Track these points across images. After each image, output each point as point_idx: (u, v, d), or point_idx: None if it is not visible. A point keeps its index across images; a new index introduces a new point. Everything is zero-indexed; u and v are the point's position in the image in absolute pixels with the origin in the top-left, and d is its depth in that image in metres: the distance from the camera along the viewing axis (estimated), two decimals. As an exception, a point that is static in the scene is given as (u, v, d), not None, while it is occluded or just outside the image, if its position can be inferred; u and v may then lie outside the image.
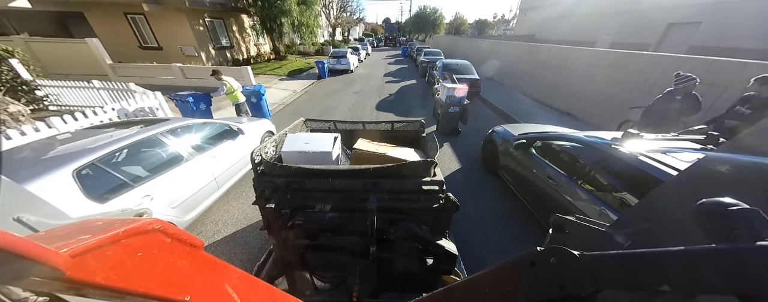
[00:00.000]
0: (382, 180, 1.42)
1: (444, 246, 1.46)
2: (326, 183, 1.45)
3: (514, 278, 0.47)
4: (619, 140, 2.35)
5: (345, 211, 1.49)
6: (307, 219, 1.47)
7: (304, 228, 1.50)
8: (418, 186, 1.45)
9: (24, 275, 0.28)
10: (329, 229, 1.52)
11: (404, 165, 1.44)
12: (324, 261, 1.78)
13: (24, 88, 6.20)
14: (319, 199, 1.50)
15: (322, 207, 1.51)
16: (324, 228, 1.52)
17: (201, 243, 0.47)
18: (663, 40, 11.72)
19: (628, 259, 0.35)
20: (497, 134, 4.18)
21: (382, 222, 1.42)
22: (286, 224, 1.49)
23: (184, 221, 2.77)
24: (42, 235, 0.37)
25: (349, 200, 1.48)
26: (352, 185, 1.45)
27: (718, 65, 4.19)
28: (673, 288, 0.31)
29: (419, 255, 1.61)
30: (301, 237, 1.63)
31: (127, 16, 11.48)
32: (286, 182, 1.45)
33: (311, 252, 1.72)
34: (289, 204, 1.50)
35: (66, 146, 2.36)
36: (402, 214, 1.49)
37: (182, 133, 3.08)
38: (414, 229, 1.45)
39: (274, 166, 1.46)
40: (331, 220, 1.47)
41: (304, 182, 1.45)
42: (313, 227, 1.49)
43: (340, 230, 1.52)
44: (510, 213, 3.38)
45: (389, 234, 1.45)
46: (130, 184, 2.32)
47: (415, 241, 1.47)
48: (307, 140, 1.77)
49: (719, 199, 0.35)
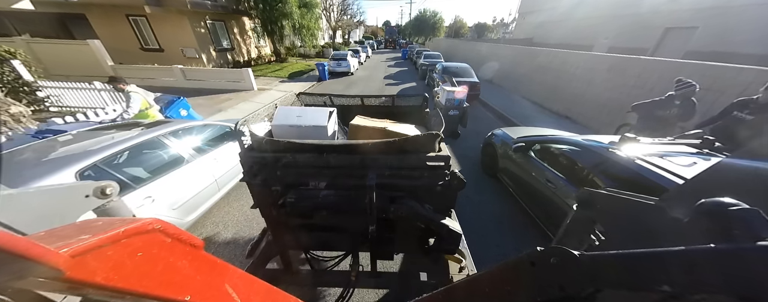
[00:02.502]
0: (382, 156, 1.31)
1: (448, 225, 1.39)
2: (320, 159, 1.32)
3: (514, 278, 0.47)
4: (616, 144, 2.36)
5: (341, 189, 1.39)
6: (300, 197, 1.37)
7: (297, 207, 1.40)
8: (421, 162, 1.32)
9: (24, 275, 0.28)
10: (324, 208, 1.43)
11: (407, 139, 1.32)
12: (320, 240, 1.69)
13: (25, 89, 6.21)
14: (312, 176, 1.39)
15: (316, 184, 1.40)
16: (318, 207, 1.42)
17: (201, 243, 0.47)
18: (660, 45, 11.80)
19: (628, 259, 0.35)
20: (496, 137, 4.19)
21: (382, 200, 1.33)
22: (277, 202, 1.40)
23: (185, 222, 2.76)
24: (42, 235, 0.37)
25: (345, 177, 1.36)
26: (348, 161, 1.33)
27: (715, 70, 4.22)
28: (673, 289, 0.31)
29: (421, 235, 1.53)
30: (294, 216, 1.52)
31: (129, 17, 11.54)
32: (275, 157, 1.33)
33: (306, 232, 1.63)
34: (280, 181, 1.39)
35: (68, 148, 2.36)
36: (403, 192, 1.39)
37: (183, 135, 3.08)
38: (416, 208, 1.35)
39: (261, 141, 1.34)
40: (326, 198, 1.37)
41: (296, 158, 1.33)
42: (306, 205, 1.39)
43: (336, 209, 1.43)
44: (509, 215, 3.38)
45: (389, 212, 1.35)
46: (131, 186, 2.32)
47: (418, 220, 1.39)
48: (300, 114, 1.61)
49: (719, 199, 0.35)
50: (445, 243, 1.46)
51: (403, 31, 50.35)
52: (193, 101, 8.43)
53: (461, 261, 1.63)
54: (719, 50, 9.07)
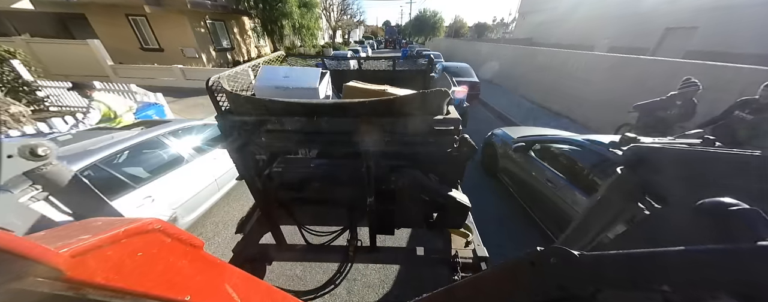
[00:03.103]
0: (382, 119, 1.13)
1: (455, 197, 1.26)
2: (310, 124, 1.15)
3: (514, 278, 0.47)
4: (616, 143, 2.36)
5: (335, 158, 1.24)
6: (289, 167, 1.24)
7: (286, 178, 1.26)
8: (427, 126, 1.14)
9: (24, 275, 0.28)
10: (316, 179, 1.28)
11: (411, 96, 1.12)
12: (314, 215, 1.58)
13: (25, 89, 6.21)
14: (302, 143, 1.22)
15: (307, 152, 1.26)
16: (310, 178, 1.28)
17: (201, 243, 0.47)
18: (660, 45, 11.79)
19: (628, 259, 0.35)
20: (497, 137, 4.19)
21: (381, 169, 1.20)
22: (263, 172, 1.26)
23: (185, 222, 2.77)
24: (42, 235, 0.37)
25: (339, 144, 1.19)
26: (343, 125, 1.14)
27: (714, 70, 4.22)
28: (673, 288, 0.31)
29: (425, 208, 1.40)
30: (283, 188, 1.38)
31: (129, 17, 11.53)
32: (257, 121, 1.15)
33: (298, 205, 1.51)
34: (266, 149, 1.24)
35: (67, 147, 2.36)
36: (405, 161, 1.25)
37: (183, 135, 3.08)
38: (420, 179, 1.22)
39: (237, 98, 1.14)
40: (318, 168, 1.23)
41: (282, 122, 1.15)
42: (296, 176, 1.25)
43: (329, 180, 1.28)
44: (509, 215, 3.38)
45: (390, 183, 1.22)
46: (131, 185, 2.32)
47: (421, 192, 1.26)
48: (287, 74, 1.42)
49: (719, 199, 0.35)
50: (452, 216, 1.35)
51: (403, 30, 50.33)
52: (193, 101, 8.44)
53: (468, 236, 1.53)
54: (719, 50, 9.07)
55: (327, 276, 1.47)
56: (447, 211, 1.35)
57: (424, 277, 2.51)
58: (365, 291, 2.37)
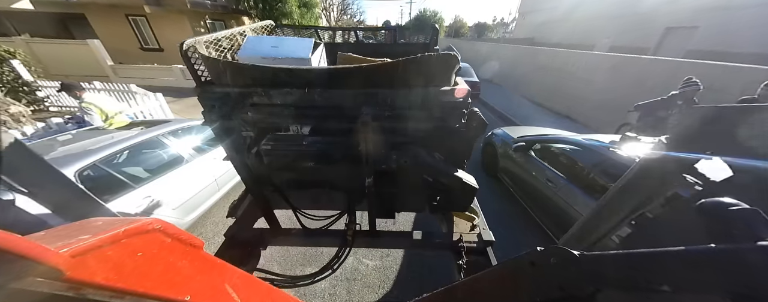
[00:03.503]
0: (382, 90, 1.01)
1: (462, 178, 1.18)
2: (302, 97, 1.02)
3: (514, 278, 0.47)
4: (617, 143, 2.36)
5: (330, 135, 1.14)
6: (279, 145, 1.15)
7: (275, 156, 1.17)
8: (434, 97, 1.02)
9: (24, 275, 0.28)
10: (309, 157, 1.19)
11: (414, 58, 0.95)
12: (310, 198, 1.49)
13: (25, 89, 6.21)
14: (293, 118, 1.12)
15: (299, 129, 1.14)
16: (302, 157, 1.18)
17: (201, 243, 0.47)
18: (661, 44, 11.79)
19: (628, 259, 0.35)
20: (497, 137, 4.19)
21: (381, 147, 1.09)
22: (251, 150, 1.17)
23: (185, 222, 2.77)
24: (42, 235, 0.37)
25: (334, 119, 1.10)
26: (337, 98, 1.02)
27: (715, 69, 4.22)
28: (673, 288, 0.31)
29: (428, 189, 1.31)
30: (272, 168, 1.28)
31: (129, 17, 11.53)
32: (242, 93, 1.03)
33: (292, 188, 1.42)
34: (252, 125, 1.14)
35: (67, 147, 2.37)
36: (408, 137, 1.14)
37: (183, 135, 3.08)
38: (423, 157, 1.13)
39: (216, 65, 1.01)
40: (312, 146, 1.13)
41: (269, 94, 1.02)
42: (286, 154, 1.17)
43: (324, 159, 1.18)
44: (509, 214, 3.38)
45: (390, 162, 1.12)
46: (131, 185, 2.32)
47: (425, 172, 1.18)
48: (276, 43, 1.28)
49: (719, 199, 0.35)
50: (458, 199, 1.27)
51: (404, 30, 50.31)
52: (193, 101, 8.44)
53: (474, 219, 1.45)
54: (720, 50, 9.06)
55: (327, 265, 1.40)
56: (452, 193, 1.26)
57: (426, 265, 2.51)
58: (365, 291, 2.37)
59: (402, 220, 2.71)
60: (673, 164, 0.61)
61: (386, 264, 2.62)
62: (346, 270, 2.55)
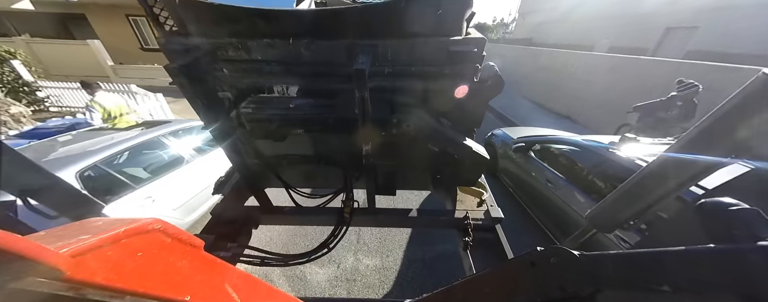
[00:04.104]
0: (381, 41, 0.85)
1: (471, 147, 1.04)
2: (286, 50, 0.86)
3: (514, 278, 0.47)
4: (616, 144, 2.36)
5: (321, 97, 0.97)
6: (261, 108, 0.99)
7: (258, 122, 1.02)
8: (442, 48, 0.85)
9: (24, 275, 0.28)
10: (298, 123, 1.04)
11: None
12: (303, 174, 1.37)
13: (25, 89, 6.22)
14: (277, 77, 0.94)
15: (284, 90, 0.96)
16: (289, 122, 1.03)
17: (201, 243, 0.47)
18: (661, 45, 11.79)
19: (628, 259, 0.35)
20: (496, 137, 4.19)
21: (381, 107, 0.94)
22: (229, 114, 1.01)
23: (186, 222, 2.77)
24: (42, 235, 0.37)
25: (324, 77, 0.94)
26: (328, 51, 0.87)
27: (715, 70, 4.22)
28: (673, 289, 0.31)
29: (433, 161, 1.18)
30: (256, 136, 1.12)
31: (129, 17, 11.54)
32: (212, 45, 0.87)
33: (283, 163, 1.29)
34: (230, 84, 0.96)
35: (68, 148, 2.37)
36: (411, 98, 0.98)
37: (184, 135, 3.09)
38: (428, 121, 0.99)
39: (178, 6, 0.83)
40: (300, 109, 0.97)
41: (246, 47, 0.86)
42: (271, 119, 1.01)
43: (315, 125, 1.03)
44: (509, 215, 3.37)
45: (391, 128, 0.99)
46: (132, 186, 2.32)
47: (430, 140, 1.04)
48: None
49: (719, 199, 0.35)
50: (466, 171, 1.14)
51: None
52: (193, 101, 8.45)
53: (482, 194, 1.32)
54: (720, 50, 9.06)
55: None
56: (460, 165, 1.13)
57: (426, 265, 2.51)
58: (365, 291, 2.37)
59: (403, 199, 2.66)
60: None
61: (386, 264, 2.62)
62: (346, 271, 2.55)
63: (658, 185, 0.69)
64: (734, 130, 0.59)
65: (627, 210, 0.75)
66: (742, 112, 0.63)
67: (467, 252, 1.12)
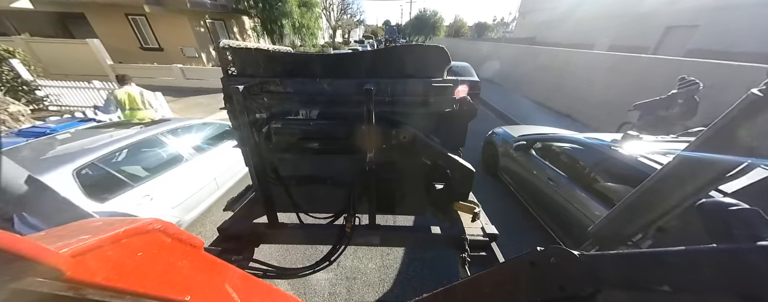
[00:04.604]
0: (383, 80, 1.21)
1: (458, 160, 1.29)
2: (312, 84, 1.23)
3: (515, 278, 0.47)
4: (618, 142, 2.36)
5: (335, 119, 1.28)
6: (288, 124, 1.29)
7: (283, 135, 1.29)
8: (426, 85, 1.22)
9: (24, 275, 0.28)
10: (314, 136, 1.31)
11: (410, 46, 1.20)
12: (311, 195, 1.55)
13: (24, 88, 6.21)
14: (302, 103, 1.29)
15: (307, 113, 1.30)
16: (308, 135, 1.31)
17: (201, 243, 0.47)
18: (661, 43, 11.77)
19: (629, 259, 0.35)
20: (497, 136, 4.19)
21: (383, 124, 1.22)
22: (261, 130, 1.29)
23: (185, 221, 2.77)
24: (42, 235, 0.37)
25: (339, 105, 1.27)
26: (343, 87, 1.23)
27: (716, 68, 4.21)
28: (673, 289, 0.31)
29: (427, 177, 1.41)
30: (280, 148, 1.37)
31: (128, 17, 11.51)
32: (261, 81, 1.22)
33: (295, 179, 1.49)
34: (267, 109, 1.30)
35: (66, 146, 2.36)
36: (405, 118, 1.29)
37: (182, 133, 3.08)
38: (422, 137, 1.26)
39: (247, 53, 1.20)
40: (317, 126, 1.27)
41: (285, 83, 1.23)
42: (294, 133, 1.29)
43: (328, 137, 1.30)
44: (510, 214, 3.38)
45: (391, 139, 1.24)
46: (130, 184, 2.32)
47: (424, 152, 1.29)
48: None
49: (719, 199, 0.35)
50: (457, 184, 1.34)
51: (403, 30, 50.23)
52: (192, 100, 8.44)
53: (474, 208, 1.47)
54: (720, 49, 9.05)
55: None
56: (452, 179, 1.34)
57: (426, 265, 2.52)
58: (365, 289, 2.37)
59: (402, 221, 2.74)
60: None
61: (386, 264, 2.63)
62: (347, 269, 2.56)
63: (675, 190, 0.63)
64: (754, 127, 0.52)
65: (637, 221, 0.72)
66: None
67: (466, 268, 1.20)
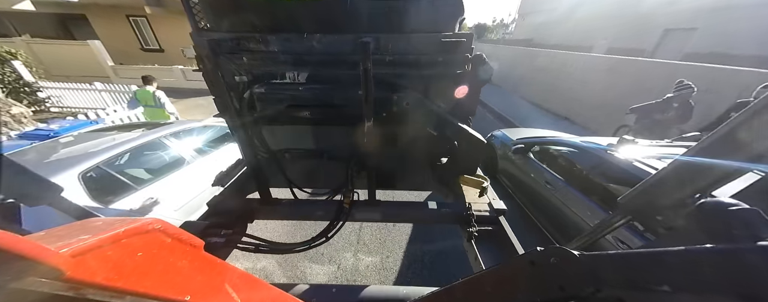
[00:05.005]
0: (383, 35, 0.98)
1: (467, 130, 1.12)
2: (300, 42, 0.99)
3: (514, 278, 0.47)
4: (614, 146, 2.36)
5: (328, 82, 1.07)
6: (273, 88, 1.09)
7: (269, 101, 1.11)
8: (435, 41, 0.99)
9: (24, 275, 0.28)
10: (304, 106, 1.12)
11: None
12: (305, 169, 1.40)
13: (26, 90, 6.23)
14: (289, 64, 1.07)
15: (295, 76, 1.08)
16: (297, 102, 1.13)
17: (201, 243, 0.47)
18: (659, 46, 11.81)
19: (628, 259, 0.35)
20: (496, 139, 4.20)
21: (383, 87, 1.02)
22: (243, 95, 1.10)
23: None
24: (42, 235, 0.37)
25: (333, 66, 1.04)
26: (337, 44, 1.00)
27: (712, 72, 4.23)
28: (673, 289, 0.31)
29: (432, 149, 1.24)
30: (266, 117, 1.20)
31: (129, 18, 11.56)
32: (238, 37, 1.01)
33: (285, 154, 1.34)
34: (247, 70, 1.08)
35: (70, 149, 2.37)
36: (409, 81, 1.08)
37: (185, 136, 3.09)
38: (426, 103, 1.08)
39: (219, 1, 0.97)
40: (308, 91, 1.08)
41: (266, 40, 1.00)
42: (281, 98, 1.10)
43: (321, 104, 1.11)
44: (508, 216, 3.36)
45: (392, 105, 1.06)
46: (133, 187, 2.32)
47: (429, 122, 1.11)
48: None
49: (719, 199, 0.35)
50: (465, 157, 1.19)
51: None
52: (193, 101, 8.46)
53: (483, 182, 1.32)
54: (718, 52, 9.08)
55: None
56: (459, 151, 1.18)
57: (426, 266, 2.51)
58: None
59: (403, 198, 2.69)
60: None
61: (386, 265, 2.62)
62: (346, 270, 2.55)
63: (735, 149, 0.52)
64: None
65: (673, 194, 0.63)
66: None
67: (472, 243, 1.10)
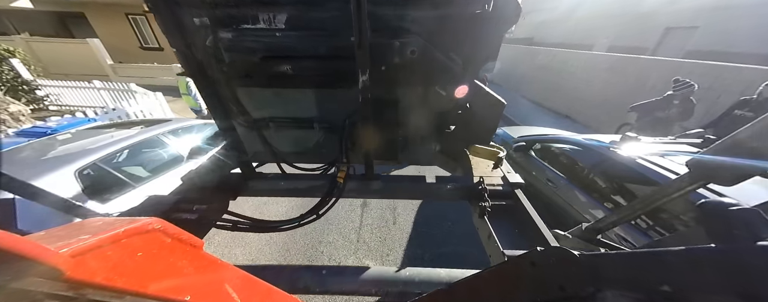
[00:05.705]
0: None
1: (484, 88, 0.96)
2: None
3: (514, 278, 0.47)
4: (617, 143, 2.36)
5: (312, 28, 0.84)
6: (243, 34, 0.85)
7: (239, 51, 0.88)
8: None
9: (24, 275, 0.28)
10: (284, 57, 0.90)
11: None
12: (292, 141, 1.22)
13: (24, 88, 6.22)
14: (261, 4, 0.82)
15: (271, 19, 0.83)
16: (273, 54, 0.89)
17: (201, 243, 0.47)
18: (660, 44, 11.77)
19: (629, 259, 0.35)
20: (497, 136, 4.20)
21: (381, 32, 0.82)
22: (205, 42, 0.87)
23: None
24: (42, 235, 0.37)
25: (318, 4, 0.81)
26: None
27: (714, 70, 4.22)
28: (673, 288, 0.31)
29: (440, 113, 1.03)
30: (237, 71, 0.96)
31: (129, 16, 11.51)
32: None
33: (269, 123, 1.16)
34: (209, 8, 0.83)
35: (67, 146, 2.37)
36: (414, 24, 0.85)
37: (183, 134, 3.08)
38: (435, 52, 0.87)
39: None
40: (287, 38, 0.85)
41: None
42: (255, 48, 0.87)
43: (304, 53, 0.88)
44: (509, 215, 3.38)
45: (393, 55, 0.85)
46: (131, 184, 2.32)
47: (438, 78, 0.92)
48: None
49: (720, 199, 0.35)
50: (480, 124, 1.03)
51: (403, 30, 50.37)
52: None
53: (498, 153, 1.15)
54: (720, 50, 9.05)
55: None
56: (472, 116, 1.01)
57: (426, 267, 2.52)
58: (365, 290, 2.37)
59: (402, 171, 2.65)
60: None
61: (386, 264, 2.63)
62: (346, 270, 2.56)
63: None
64: None
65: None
66: None
67: (485, 218, 0.97)
